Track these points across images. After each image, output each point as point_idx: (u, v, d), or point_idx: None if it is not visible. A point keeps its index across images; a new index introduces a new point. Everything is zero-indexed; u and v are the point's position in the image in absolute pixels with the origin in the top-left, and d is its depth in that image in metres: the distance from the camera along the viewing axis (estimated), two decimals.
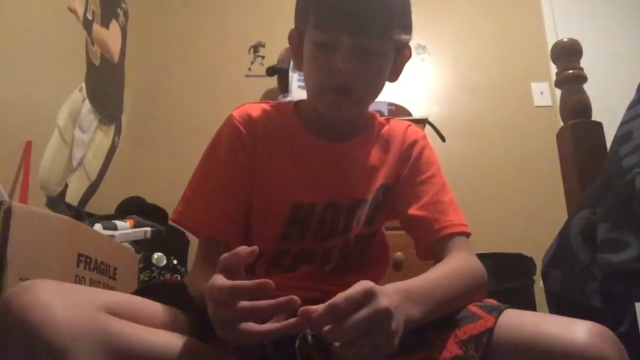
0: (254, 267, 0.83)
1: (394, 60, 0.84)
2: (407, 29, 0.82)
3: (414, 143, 0.91)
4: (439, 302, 0.66)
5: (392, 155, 0.90)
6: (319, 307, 0.53)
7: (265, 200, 0.84)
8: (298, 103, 0.93)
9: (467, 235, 0.83)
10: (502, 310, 0.65)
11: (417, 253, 0.89)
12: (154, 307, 0.61)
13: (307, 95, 0.89)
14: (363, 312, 0.52)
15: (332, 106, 0.82)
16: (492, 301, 0.71)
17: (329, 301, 0.53)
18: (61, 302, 0.49)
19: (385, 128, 0.93)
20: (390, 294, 0.57)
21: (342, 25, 0.76)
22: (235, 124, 0.86)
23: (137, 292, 0.65)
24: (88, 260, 1.11)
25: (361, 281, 0.56)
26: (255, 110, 0.88)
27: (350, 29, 0.76)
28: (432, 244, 0.83)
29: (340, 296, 0.53)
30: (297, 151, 0.86)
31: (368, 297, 0.54)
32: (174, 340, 0.57)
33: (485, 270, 0.77)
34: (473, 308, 0.67)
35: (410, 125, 0.95)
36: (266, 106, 0.90)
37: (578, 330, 0.58)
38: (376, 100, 0.87)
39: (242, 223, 0.84)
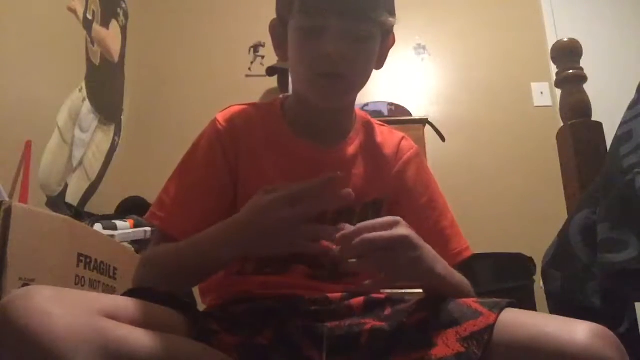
0: (243, 267, 0.81)
1: (379, 46, 0.82)
2: (393, 11, 0.80)
3: (408, 161, 0.89)
4: (453, 280, 0.74)
5: (385, 171, 0.88)
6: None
7: None
8: (285, 102, 0.91)
9: (469, 257, 0.85)
10: (503, 307, 0.65)
11: None
12: (152, 309, 0.60)
13: (295, 87, 0.87)
14: (384, 233, 0.64)
15: (324, 93, 0.79)
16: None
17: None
18: (60, 308, 0.49)
19: (378, 136, 0.90)
20: (418, 237, 0.67)
21: (329, 8, 0.75)
22: (217, 127, 0.84)
23: (131, 292, 0.65)
24: (88, 260, 1.11)
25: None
26: (240, 113, 0.86)
27: (338, 11, 0.74)
28: None
29: (367, 221, 0.65)
30: (282, 155, 0.84)
31: (393, 224, 0.65)
32: (173, 343, 0.56)
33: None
34: (474, 305, 0.67)
35: (403, 138, 0.92)
36: (251, 109, 0.88)
37: (579, 331, 0.58)
38: (376, 100, 0.86)
39: None
